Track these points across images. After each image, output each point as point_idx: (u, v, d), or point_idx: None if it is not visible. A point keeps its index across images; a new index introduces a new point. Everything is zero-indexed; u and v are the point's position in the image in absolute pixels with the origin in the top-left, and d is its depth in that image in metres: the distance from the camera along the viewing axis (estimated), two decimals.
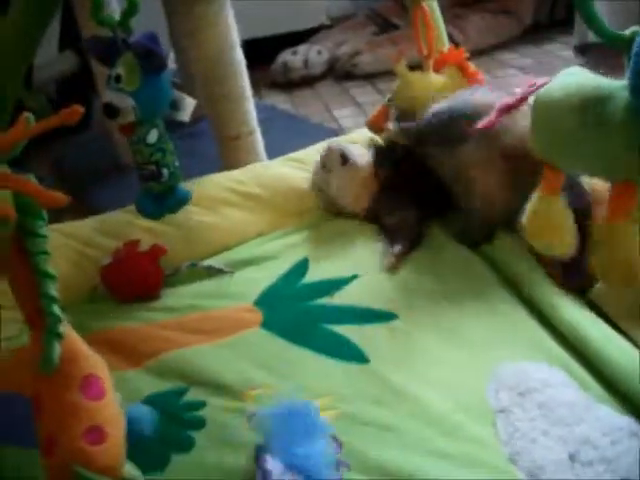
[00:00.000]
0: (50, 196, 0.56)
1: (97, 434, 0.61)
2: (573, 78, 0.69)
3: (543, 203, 0.76)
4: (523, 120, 0.82)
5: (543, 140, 0.73)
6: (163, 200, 1.11)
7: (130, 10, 0.98)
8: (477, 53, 2.35)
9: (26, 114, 0.58)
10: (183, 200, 1.13)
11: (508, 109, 0.75)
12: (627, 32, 0.60)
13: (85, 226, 1.19)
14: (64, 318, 0.62)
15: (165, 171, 1.07)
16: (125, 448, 0.64)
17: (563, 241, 0.77)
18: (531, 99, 0.74)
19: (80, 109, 0.58)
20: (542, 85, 0.71)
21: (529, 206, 0.78)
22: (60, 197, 0.55)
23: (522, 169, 0.89)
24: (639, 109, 0.59)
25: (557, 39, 2.40)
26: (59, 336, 0.60)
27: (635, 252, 0.66)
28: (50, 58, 2.05)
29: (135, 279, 1.08)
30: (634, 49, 0.57)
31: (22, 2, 0.79)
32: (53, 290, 0.60)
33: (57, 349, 0.59)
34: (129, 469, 0.64)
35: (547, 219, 0.76)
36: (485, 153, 0.98)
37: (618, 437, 0.73)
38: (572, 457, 0.72)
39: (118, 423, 0.64)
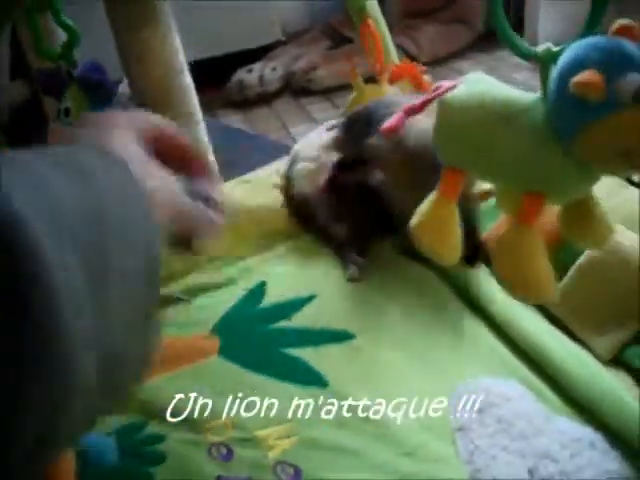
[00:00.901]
0: None
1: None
2: (482, 86, 0.69)
3: (437, 207, 0.74)
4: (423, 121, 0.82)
5: (449, 145, 0.72)
6: None
7: (71, 41, 0.97)
8: (431, 63, 2.37)
9: None
10: None
11: (413, 111, 0.75)
12: (539, 49, 0.61)
13: None
14: None
15: None
16: None
17: (450, 250, 0.75)
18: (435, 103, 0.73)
19: None
20: (448, 89, 0.71)
21: (421, 208, 0.75)
22: None
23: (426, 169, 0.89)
24: (558, 124, 0.60)
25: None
26: None
27: (538, 260, 0.66)
28: (2, 87, 2.02)
29: None
30: (558, 70, 0.57)
31: None
32: None
33: None
34: None
35: (438, 224, 0.74)
36: (390, 153, 0.98)
37: (577, 449, 0.73)
38: (531, 472, 0.72)
39: (67, 460, 0.63)
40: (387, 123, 0.75)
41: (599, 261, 0.87)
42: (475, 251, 1.01)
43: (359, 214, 1.15)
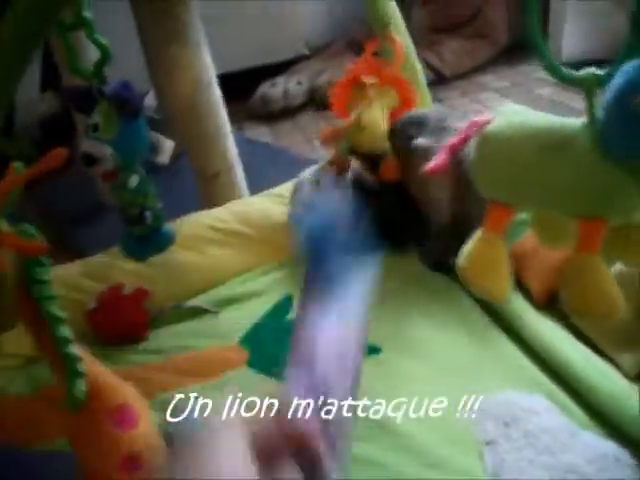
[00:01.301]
0: (30, 247, 0.57)
1: (134, 462, 0.62)
2: (521, 117, 0.69)
3: (484, 244, 0.72)
4: None
5: (493, 178, 0.71)
6: (148, 241, 1.11)
7: (103, 60, 0.99)
8: (455, 77, 2.39)
9: (15, 163, 0.59)
10: (168, 240, 1.13)
11: (453, 149, 0.75)
12: (583, 73, 0.61)
13: (70, 271, 1.19)
14: (85, 352, 0.62)
15: (148, 214, 1.07)
16: None
17: (501, 287, 0.73)
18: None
19: (63, 151, 0.59)
20: (484, 123, 0.71)
21: (468, 246, 0.74)
22: (40, 247, 0.57)
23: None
24: (613, 148, 0.60)
25: (532, 60, 2.43)
26: (80, 374, 0.61)
27: (608, 283, 0.66)
28: (32, 99, 2.06)
29: (120, 322, 1.08)
30: (614, 92, 0.57)
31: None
32: (65, 331, 0.62)
33: (81, 386, 0.60)
34: None
35: (487, 262, 0.72)
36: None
37: (604, 464, 0.74)
38: None
39: (154, 448, 0.65)
40: (432, 163, 0.75)
41: (627, 276, 0.87)
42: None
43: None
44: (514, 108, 0.72)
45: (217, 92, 1.40)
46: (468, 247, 0.74)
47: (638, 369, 0.85)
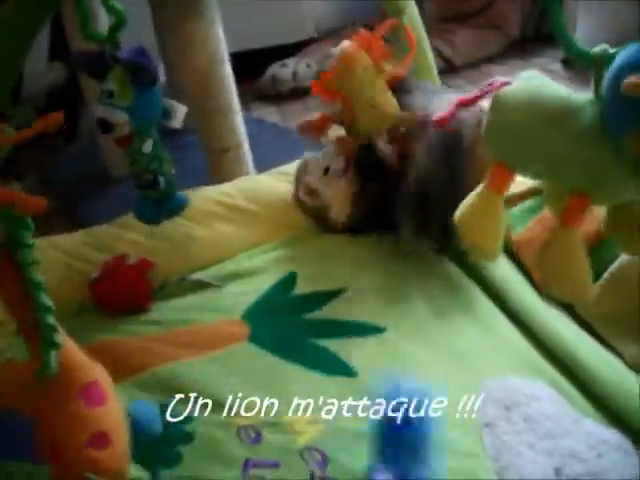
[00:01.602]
0: (29, 201, 0.56)
1: (102, 439, 0.61)
2: (536, 83, 0.69)
3: (483, 201, 0.73)
4: None
5: (501, 140, 0.72)
6: (161, 206, 1.12)
7: (117, 25, 0.98)
8: (464, 66, 2.37)
9: (2, 125, 0.58)
10: (181, 206, 1.13)
11: (464, 105, 0.75)
12: (595, 50, 0.61)
13: (73, 239, 1.19)
14: (60, 328, 0.62)
15: (162, 179, 1.07)
16: (130, 451, 0.65)
17: (492, 245, 0.74)
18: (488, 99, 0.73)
19: (60, 116, 0.58)
20: (502, 85, 0.71)
21: (466, 201, 0.75)
22: (39, 202, 0.56)
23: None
24: (611, 125, 0.60)
25: (544, 52, 2.42)
26: (56, 345, 0.60)
27: (578, 260, 0.66)
28: (39, 69, 2.05)
29: (123, 292, 1.08)
30: (612, 71, 0.58)
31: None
32: (47, 300, 0.60)
33: (54, 358, 0.59)
34: (135, 471, 0.64)
35: (483, 218, 0.73)
36: None
37: (604, 450, 0.74)
38: (558, 471, 0.73)
39: (122, 427, 0.65)
40: (440, 114, 0.75)
41: (632, 267, 0.87)
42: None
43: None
44: (534, 74, 0.71)
45: (229, 69, 1.40)
46: (467, 202, 0.75)
47: None
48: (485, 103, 0.73)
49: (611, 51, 0.60)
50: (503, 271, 1.02)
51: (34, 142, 0.64)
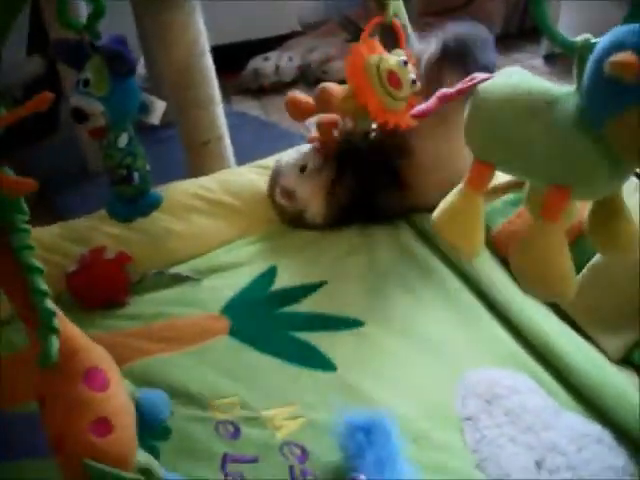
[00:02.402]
0: (18, 183, 0.55)
1: (104, 425, 0.60)
2: (517, 78, 0.68)
3: (463, 199, 0.72)
4: None
5: (481, 136, 0.71)
6: (134, 204, 1.09)
7: (96, 13, 0.96)
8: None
9: None
10: (154, 203, 1.11)
11: (446, 99, 0.74)
12: (578, 39, 0.60)
13: (49, 232, 1.17)
14: (59, 311, 0.61)
15: (136, 175, 1.05)
16: (136, 437, 0.64)
17: (473, 243, 0.74)
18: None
19: (49, 95, 0.57)
20: (482, 80, 0.70)
21: (446, 199, 0.74)
22: (29, 183, 0.55)
23: None
24: (590, 117, 0.59)
25: (526, 48, 2.43)
26: (54, 330, 0.59)
27: (561, 257, 0.65)
28: (18, 61, 2.03)
29: (101, 286, 1.06)
30: (594, 55, 0.57)
31: None
32: (43, 284, 0.59)
33: (55, 343, 0.58)
34: (142, 457, 0.63)
35: (463, 217, 0.72)
36: None
37: (585, 444, 0.74)
38: (539, 463, 0.73)
39: (126, 412, 0.64)
40: (419, 107, 0.74)
41: (613, 261, 0.87)
42: None
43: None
44: (514, 70, 0.71)
45: (210, 61, 1.38)
46: (446, 200, 0.74)
47: (622, 353, 0.85)
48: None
49: (593, 40, 0.59)
50: (484, 264, 1.01)
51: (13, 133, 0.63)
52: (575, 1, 2.18)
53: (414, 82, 1.06)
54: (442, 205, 0.74)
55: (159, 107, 1.03)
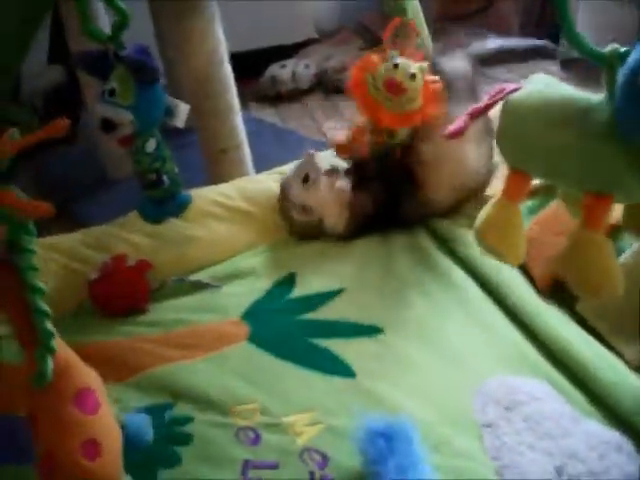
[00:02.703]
0: (35, 207, 0.56)
1: (93, 447, 0.61)
2: (546, 87, 0.69)
3: (502, 210, 0.73)
4: None
5: (514, 146, 0.71)
6: (164, 205, 1.12)
7: (121, 24, 0.98)
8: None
9: (11, 129, 0.58)
10: (184, 204, 1.13)
11: (477, 114, 0.74)
12: (607, 49, 0.60)
13: (71, 240, 1.18)
14: (56, 333, 0.61)
15: (165, 178, 1.07)
16: (122, 459, 0.64)
17: (516, 252, 0.74)
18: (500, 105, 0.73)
19: (66, 121, 0.58)
20: (512, 91, 0.70)
21: (486, 209, 0.75)
22: (45, 207, 0.55)
23: None
24: (622, 126, 0.60)
25: (542, 53, 2.42)
26: (51, 351, 0.60)
27: (610, 260, 0.66)
28: (38, 70, 2.05)
29: (122, 294, 1.07)
30: (628, 66, 0.57)
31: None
32: (44, 305, 0.60)
33: (50, 364, 0.59)
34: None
35: (504, 227, 0.73)
36: None
37: (605, 451, 0.74)
38: (559, 470, 0.72)
39: (114, 435, 0.65)
40: (452, 126, 0.75)
41: (635, 266, 0.87)
42: None
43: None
44: (543, 78, 0.71)
45: (229, 69, 1.40)
46: (485, 211, 0.74)
47: None
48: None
49: (622, 49, 0.59)
50: (502, 270, 1.01)
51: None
52: (594, 1, 2.17)
53: (413, 76, 1.07)
54: (482, 215, 0.75)
55: (183, 110, 1.05)
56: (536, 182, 0.78)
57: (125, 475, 0.65)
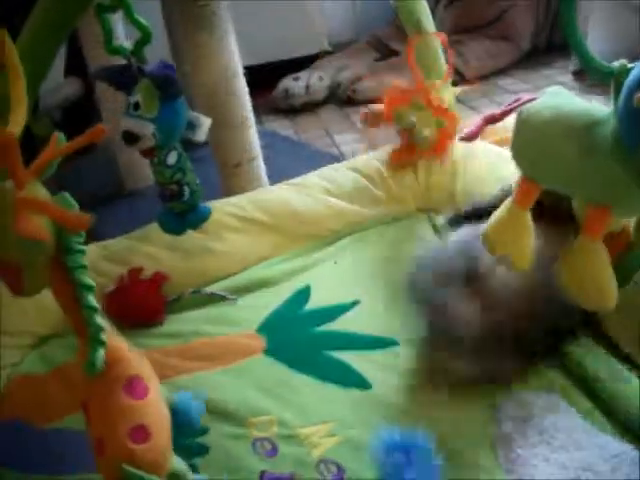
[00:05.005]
0: (74, 219, 0.58)
1: (142, 433, 0.62)
2: (560, 100, 0.71)
3: (511, 215, 0.75)
4: None
5: (527, 155, 0.74)
6: (185, 217, 1.14)
7: (144, 39, 1.01)
8: (477, 79, 2.38)
9: (57, 133, 0.60)
10: (204, 216, 1.15)
11: (492, 120, 0.77)
12: (615, 64, 0.62)
13: (89, 252, 1.18)
14: (106, 325, 0.63)
15: (186, 190, 1.10)
16: (171, 444, 0.66)
17: (523, 256, 0.76)
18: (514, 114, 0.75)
19: (104, 128, 0.60)
20: (528, 101, 0.73)
21: (496, 214, 0.77)
22: (84, 219, 0.57)
23: None
24: (625, 138, 0.61)
25: (555, 64, 2.43)
26: (102, 343, 0.62)
27: (603, 271, 0.68)
28: (56, 84, 2.08)
29: (138, 306, 1.09)
30: (627, 84, 0.58)
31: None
32: (93, 301, 0.62)
33: (101, 354, 0.62)
34: (176, 463, 0.66)
35: (512, 232, 0.75)
36: None
37: (618, 464, 0.74)
38: None
39: (162, 420, 0.66)
40: (467, 129, 0.77)
41: None
42: None
43: None
44: (558, 90, 0.73)
45: (243, 82, 1.41)
46: (495, 217, 0.77)
47: None
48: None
49: (629, 65, 0.60)
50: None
51: None
52: (603, 14, 2.17)
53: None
54: (492, 220, 0.77)
55: (205, 123, 1.07)
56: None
57: (175, 458, 0.66)
